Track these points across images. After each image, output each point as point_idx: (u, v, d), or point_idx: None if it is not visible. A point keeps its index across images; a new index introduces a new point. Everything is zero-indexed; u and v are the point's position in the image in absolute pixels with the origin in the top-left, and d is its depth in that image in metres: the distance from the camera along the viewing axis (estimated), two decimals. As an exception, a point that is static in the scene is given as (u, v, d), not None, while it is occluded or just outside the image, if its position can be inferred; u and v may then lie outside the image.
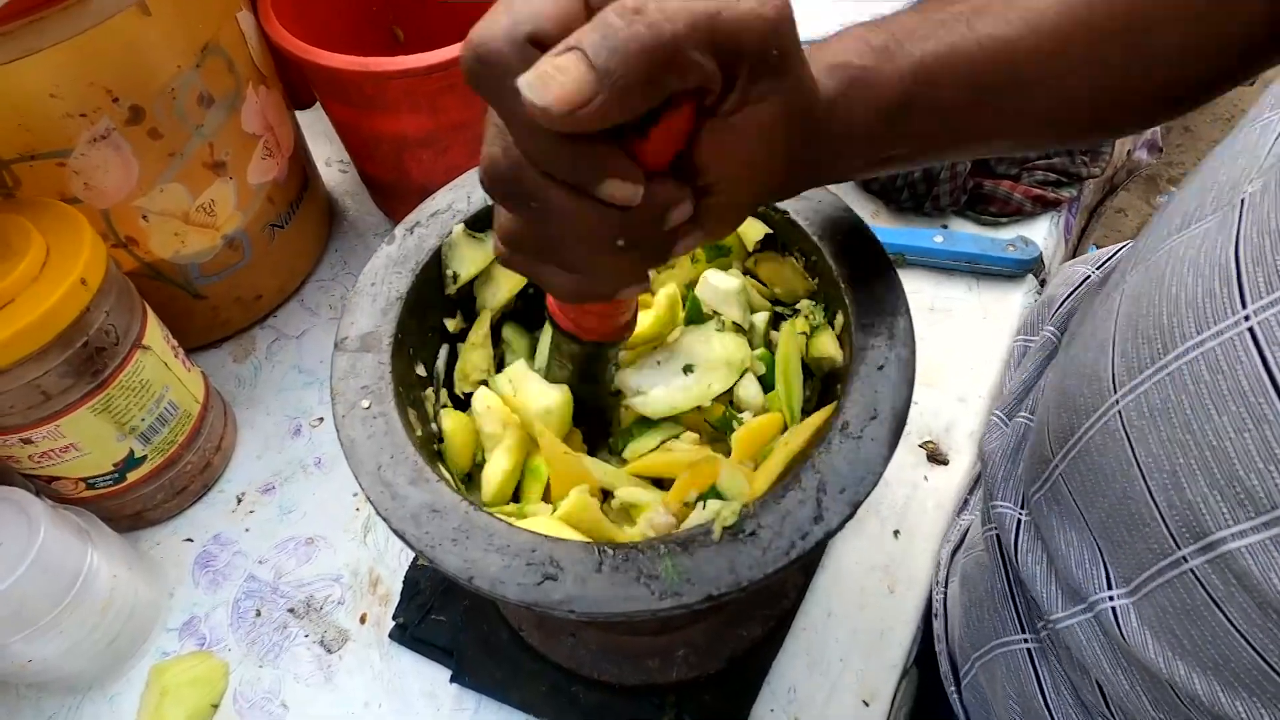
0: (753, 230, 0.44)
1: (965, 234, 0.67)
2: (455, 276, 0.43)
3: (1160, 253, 0.30)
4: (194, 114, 0.54)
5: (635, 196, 0.23)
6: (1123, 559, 0.31)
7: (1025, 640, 0.40)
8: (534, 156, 0.23)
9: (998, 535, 0.42)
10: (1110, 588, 0.32)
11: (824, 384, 0.42)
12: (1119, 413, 0.30)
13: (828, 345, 0.40)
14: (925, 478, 0.58)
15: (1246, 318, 0.24)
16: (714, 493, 0.36)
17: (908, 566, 0.54)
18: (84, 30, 0.46)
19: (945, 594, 0.50)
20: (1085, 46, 0.32)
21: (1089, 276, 0.48)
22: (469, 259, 0.43)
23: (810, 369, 0.43)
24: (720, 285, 0.44)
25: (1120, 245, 0.52)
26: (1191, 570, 0.27)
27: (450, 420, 0.42)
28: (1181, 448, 0.27)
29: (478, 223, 0.43)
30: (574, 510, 0.37)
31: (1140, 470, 0.29)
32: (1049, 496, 0.36)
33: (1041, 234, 0.69)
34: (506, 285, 0.46)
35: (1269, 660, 0.25)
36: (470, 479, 0.43)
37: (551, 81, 0.20)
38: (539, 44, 0.21)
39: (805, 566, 0.53)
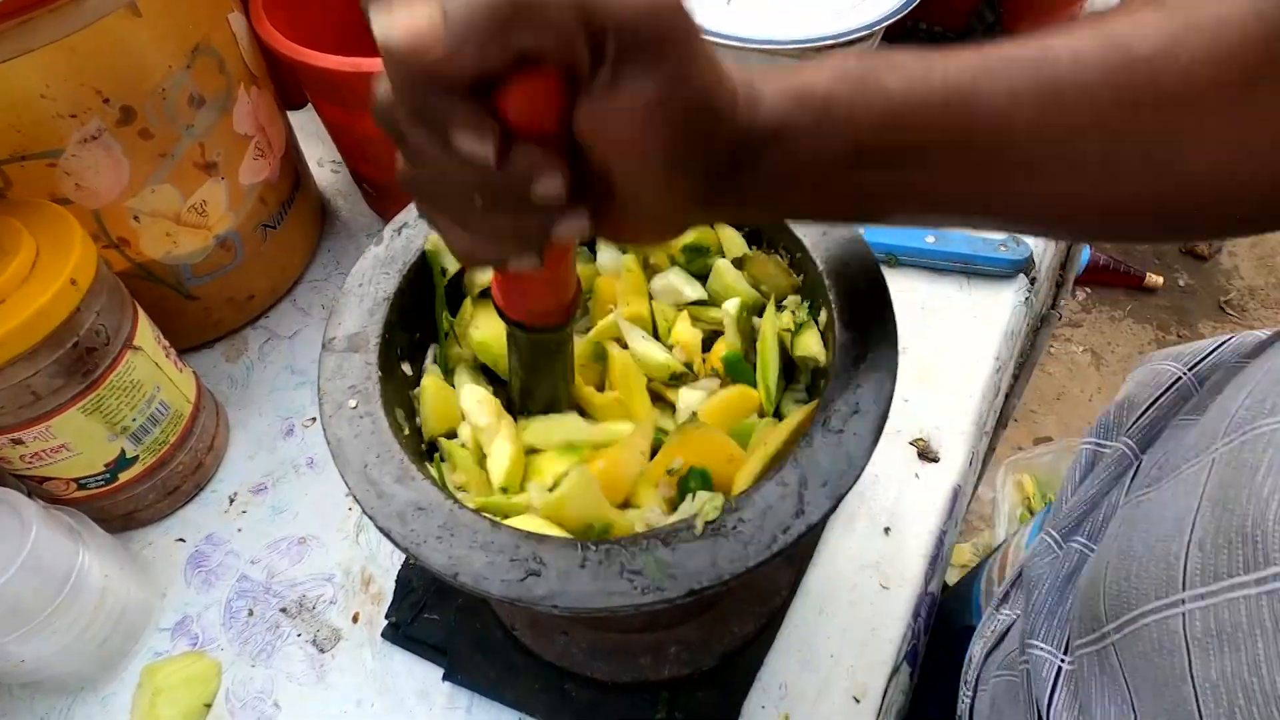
0: (734, 244, 0.44)
1: (957, 234, 0.67)
2: (444, 271, 0.44)
3: (1257, 432, 0.25)
4: (185, 114, 0.54)
5: (485, 154, 0.23)
6: None
7: None
8: (401, 95, 0.23)
9: (1029, 674, 0.38)
10: None
11: (809, 381, 0.43)
12: (1183, 615, 0.26)
13: (811, 344, 0.40)
14: (916, 475, 0.58)
15: None
16: (700, 482, 0.37)
17: (898, 564, 0.54)
18: (75, 31, 0.47)
19: (973, 700, 0.45)
20: (1099, 137, 0.27)
21: (1180, 379, 0.41)
22: None
23: (797, 366, 0.43)
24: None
25: (1218, 341, 0.43)
26: None
27: (430, 380, 0.42)
28: (1245, 691, 0.23)
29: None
30: (574, 489, 0.37)
31: (1195, 691, 0.25)
32: (1097, 660, 0.32)
33: (1034, 239, 0.70)
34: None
35: None
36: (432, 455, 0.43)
37: (399, 18, 0.21)
38: None
39: (796, 562, 0.53)
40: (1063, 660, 0.36)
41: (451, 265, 0.43)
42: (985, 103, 0.27)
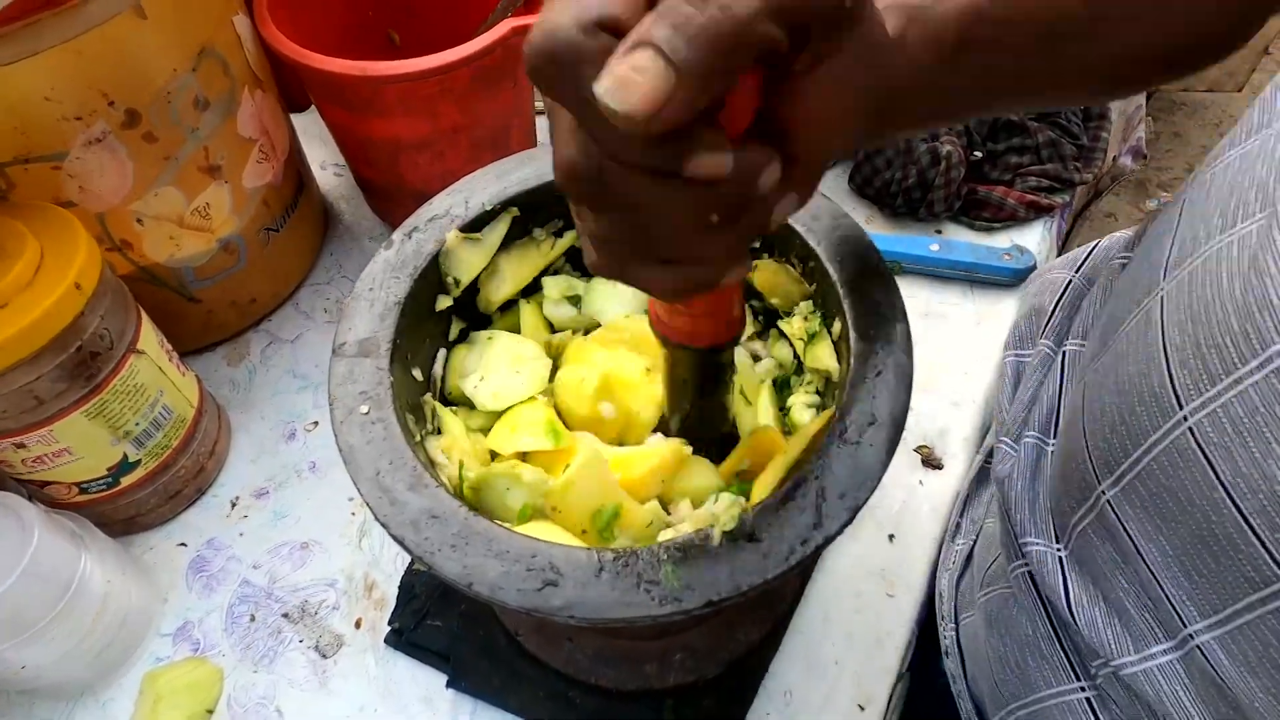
0: None
1: (961, 242, 0.67)
2: (456, 282, 0.43)
3: (1204, 254, 0.28)
4: (189, 117, 0.54)
5: (725, 166, 0.22)
6: (1204, 591, 0.28)
7: (1082, 688, 0.36)
8: (615, 151, 0.22)
9: (1030, 573, 0.39)
10: (1189, 623, 0.29)
11: (821, 387, 0.43)
12: (1190, 429, 0.27)
13: (824, 356, 0.40)
14: (920, 482, 0.58)
15: None
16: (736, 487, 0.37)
17: (903, 570, 0.54)
18: (80, 33, 0.46)
19: (957, 630, 0.46)
20: None
21: (1071, 280, 0.46)
22: (467, 263, 0.44)
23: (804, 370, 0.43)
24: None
25: (1093, 244, 0.50)
26: None
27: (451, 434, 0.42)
28: None
29: (472, 226, 0.43)
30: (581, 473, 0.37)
31: (1228, 491, 0.26)
32: (1097, 527, 0.33)
33: (1035, 239, 0.70)
34: (511, 279, 0.46)
35: None
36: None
37: (632, 85, 0.19)
38: (610, 29, 0.20)
39: (802, 571, 0.53)
40: (1060, 549, 0.36)
41: (464, 276, 0.43)
42: None
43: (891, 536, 0.56)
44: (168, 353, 0.55)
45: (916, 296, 0.67)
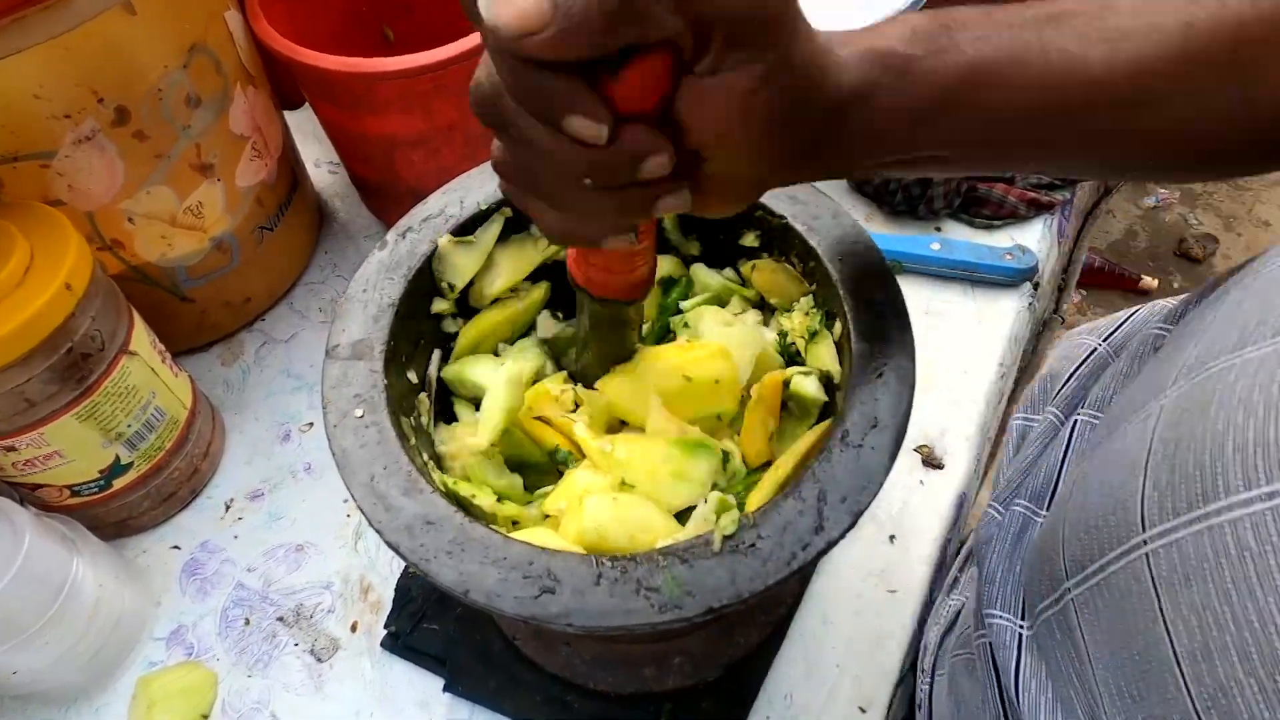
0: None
1: (963, 242, 0.66)
2: (451, 287, 0.43)
3: (1209, 373, 0.26)
4: (181, 115, 0.53)
5: (599, 135, 0.24)
6: (1137, 717, 0.27)
7: None
8: (507, 83, 0.24)
9: (990, 645, 0.38)
10: None
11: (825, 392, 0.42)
12: (1146, 556, 0.26)
13: (825, 356, 0.39)
14: (921, 482, 0.58)
15: None
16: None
17: (904, 572, 0.54)
18: (68, 30, 0.45)
19: (931, 686, 0.46)
20: (1172, 82, 0.29)
21: (1095, 349, 0.44)
22: (461, 267, 0.43)
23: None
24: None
25: (1128, 313, 0.46)
26: None
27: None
28: (1217, 621, 0.23)
29: (466, 227, 0.43)
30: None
31: (1167, 630, 0.25)
32: (1060, 620, 0.32)
33: (1035, 237, 0.69)
34: (506, 274, 0.45)
35: None
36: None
37: (506, 1, 0.21)
38: None
39: (802, 573, 0.53)
40: (1022, 626, 0.36)
41: (459, 281, 0.43)
42: (1056, 56, 0.29)
43: (892, 537, 0.55)
44: (160, 353, 0.54)
45: (917, 294, 0.67)
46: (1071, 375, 0.44)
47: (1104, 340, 0.44)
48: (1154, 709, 0.26)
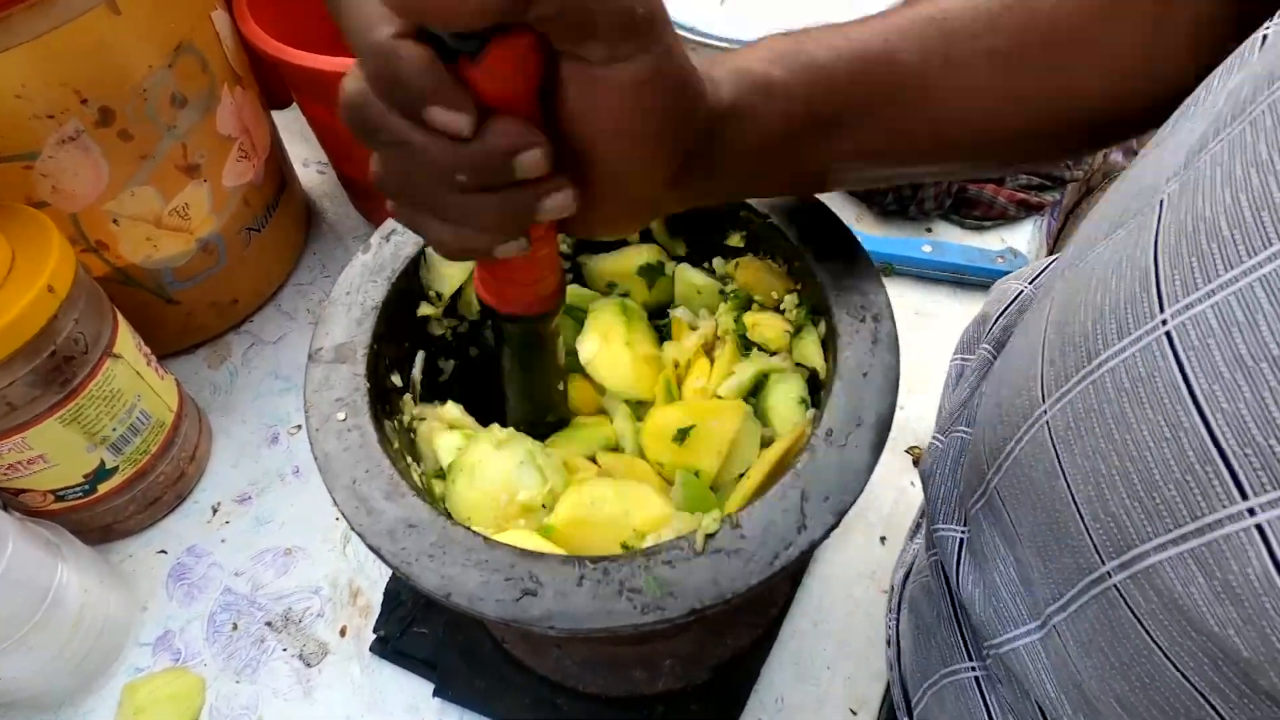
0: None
1: (954, 244, 0.66)
2: (439, 296, 0.43)
3: (1089, 259, 0.29)
4: (166, 115, 0.53)
5: (461, 125, 0.23)
6: (1054, 575, 0.30)
7: (972, 668, 0.38)
8: (372, 80, 0.23)
9: (940, 561, 0.41)
10: (1047, 605, 0.30)
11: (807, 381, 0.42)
12: (1046, 422, 0.29)
13: (810, 352, 0.39)
14: (911, 483, 0.57)
15: (1164, 322, 0.23)
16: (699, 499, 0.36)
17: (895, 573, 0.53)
18: (52, 29, 0.45)
19: (897, 620, 0.49)
20: (999, 60, 0.32)
21: (1021, 291, 0.47)
22: (448, 276, 0.43)
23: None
24: None
25: (1052, 259, 0.50)
26: (1115, 586, 0.26)
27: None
28: (1104, 458, 0.26)
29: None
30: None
31: (1066, 482, 0.28)
32: (986, 511, 0.35)
33: (1025, 237, 0.69)
34: None
35: (1193, 683, 0.24)
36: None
37: None
38: None
39: (792, 575, 0.53)
40: (962, 532, 0.38)
41: (446, 289, 0.43)
42: (902, 59, 0.32)
43: (883, 539, 0.55)
44: (145, 356, 0.54)
45: (906, 296, 0.67)
46: (1000, 314, 0.46)
47: (1030, 282, 0.47)
48: (1064, 558, 0.28)
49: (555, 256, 0.34)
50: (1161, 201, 0.25)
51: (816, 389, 0.41)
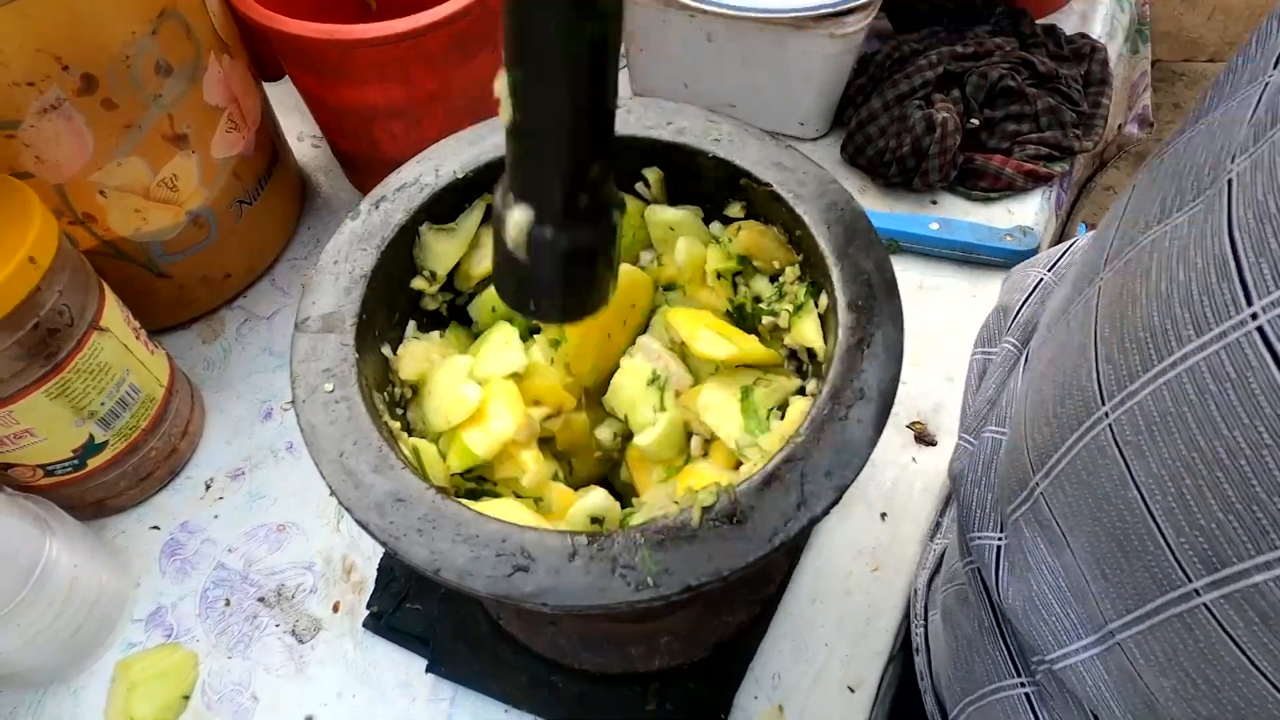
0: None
1: (962, 222, 0.65)
2: (433, 275, 0.42)
3: (1140, 246, 0.27)
4: (151, 83, 0.52)
5: None
6: (1119, 589, 0.28)
7: (1021, 684, 0.36)
8: None
9: (979, 569, 0.39)
10: (1109, 620, 0.29)
11: (808, 362, 0.41)
12: (1109, 426, 0.27)
13: (809, 332, 0.38)
14: (913, 459, 0.57)
15: (1254, 315, 0.21)
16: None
17: (895, 550, 0.53)
18: (29, -7, 0.44)
19: (926, 628, 0.47)
20: None
21: (1042, 279, 0.45)
22: (442, 254, 0.42)
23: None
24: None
25: (1070, 243, 0.49)
26: (1205, 605, 0.24)
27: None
28: (1188, 467, 0.23)
29: (445, 200, 0.41)
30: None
31: (1140, 491, 0.26)
32: (1030, 518, 0.33)
33: (1033, 209, 0.68)
34: (491, 255, 0.44)
35: None
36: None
37: None
38: None
39: (790, 551, 0.52)
40: (1000, 539, 0.36)
41: (440, 268, 0.42)
42: None
43: (884, 515, 0.54)
44: (134, 330, 0.53)
45: (910, 270, 0.65)
46: (1023, 305, 0.44)
47: (1049, 269, 0.45)
48: (1136, 572, 0.26)
49: None
50: (1230, 181, 0.23)
51: (817, 362, 0.39)
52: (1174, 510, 0.24)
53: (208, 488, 0.58)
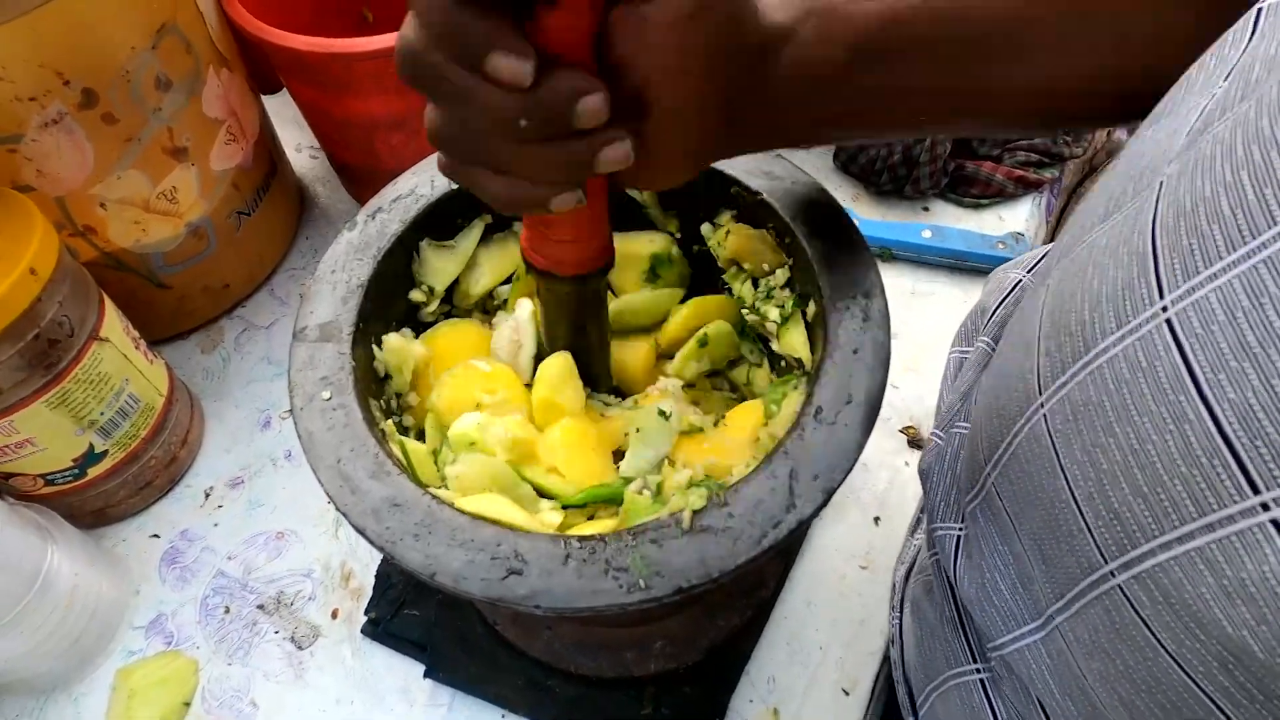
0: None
1: (954, 230, 0.65)
2: (431, 290, 0.43)
3: (1084, 244, 0.28)
4: (151, 97, 0.52)
5: (523, 74, 0.23)
6: (1055, 574, 0.29)
7: (977, 670, 0.38)
8: (431, 31, 0.24)
9: (939, 560, 0.40)
10: (1049, 605, 0.29)
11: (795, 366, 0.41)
12: (1044, 416, 0.28)
13: (796, 342, 0.39)
14: (906, 463, 0.57)
15: (1164, 309, 0.22)
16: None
17: (888, 553, 0.53)
18: (32, 9, 0.45)
19: (900, 619, 0.48)
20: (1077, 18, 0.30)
21: (1020, 281, 0.46)
22: (440, 270, 0.43)
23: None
24: None
25: (1049, 246, 0.50)
26: (1119, 586, 0.25)
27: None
28: (1105, 452, 0.24)
29: (440, 211, 0.42)
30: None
31: (1065, 478, 0.27)
32: (984, 508, 0.34)
33: (1023, 216, 0.69)
34: (490, 273, 0.45)
35: (1201, 686, 0.23)
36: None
37: None
38: None
39: (784, 554, 0.53)
40: (960, 529, 0.37)
41: (438, 284, 0.42)
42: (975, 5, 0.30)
43: (877, 519, 0.55)
44: (134, 340, 0.54)
45: (903, 277, 0.66)
46: (999, 305, 0.45)
47: (1028, 271, 0.46)
48: (1065, 557, 0.28)
49: (606, 212, 0.34)
50: (1160, 183, 0.24)
51: (803, 367, 0.40)
52: (1092, 495, 0.25)
53: (207, 496, 0.59)
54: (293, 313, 0.67)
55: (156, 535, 0.57)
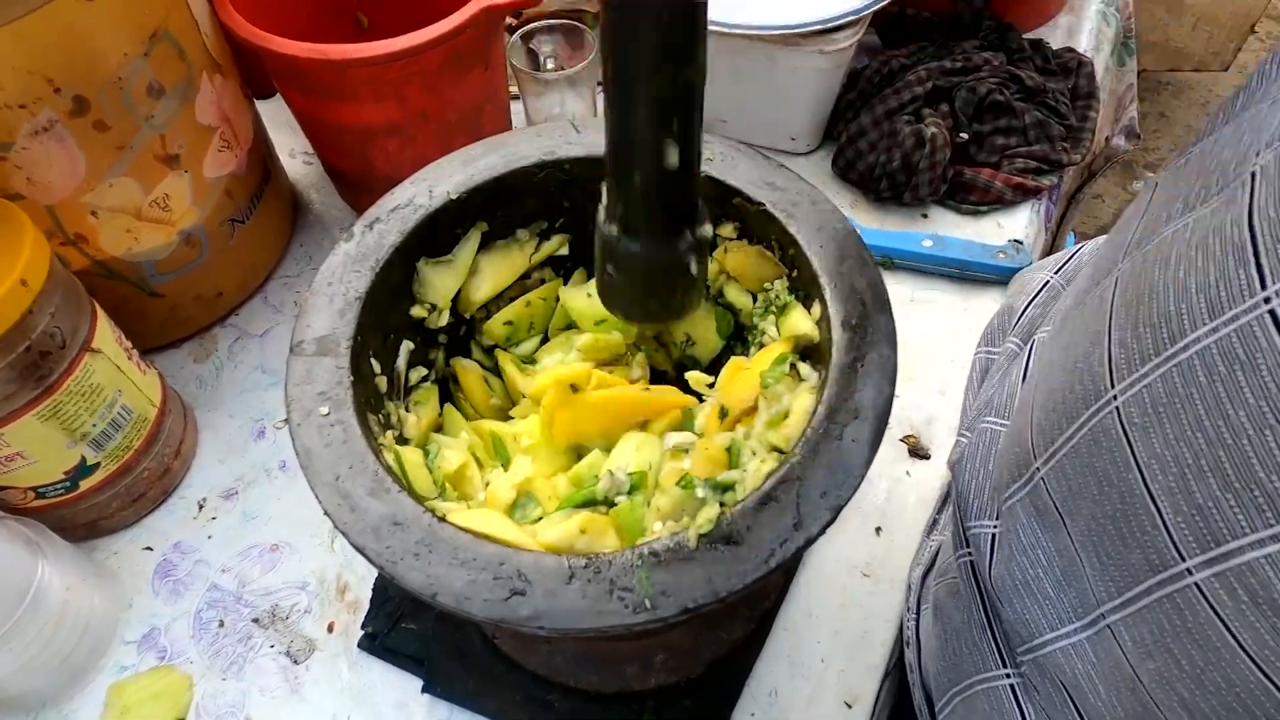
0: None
1: (954, 239, 0.65)
2: (434, 306, 0.43)
3: (1160, 238, 0.27)
4: (143, 105, 0.52)
5: None
6: (1113, 572, 0.28)
7: (1007, 675, 0.37)
8: None
9: (972, 562, 0.39)
10: (1101, 603, 0.29)
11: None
12: (1117, 409, 0.27)
13: (801, 324, 0.38)
14: (907, 473, 0.57)
15: (1267, 299, 0.21)
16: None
17: (890, 564, 0.53)
18: (21, 16, 0.44)
19: (917, 621, 0.48)
20: None
21: (1048, 282, 0.46)
22: (440, 287, 0.43)
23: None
24: None
25: (1077, 248, 0.49)
26: (1197, 584, 0.24)
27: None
28: (1190, 446, 0.24)
29: (439, 222, 0.41)
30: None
31: (1140, 471, 0.26)
32: (1026, 503, 0.33)
33: (1022, 222, 0.69)
34: (491, 280, 0.45)
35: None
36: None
37: None
38: None
39: (785, 567, 0.52)
40: (995, 526, 0.37)
41: (440, 301, 0.42)
42: None
43: (878, 529, 0.54)
44: (126, 350, 0.53)
45: (902, 284, 0.66)
46: (1027, 306, 0.45)
47: (1056, 273, 0.45)
48: (1130, 554, 0.27)
49: None
50: (1254, 174, 0.23)
51: (810, 359, 0.40)
52: (1173, 490, 0.25)
53: (200, 508, 0.58)
54: (287, 320, 0.67)
55: (149, 548, 0.56)
